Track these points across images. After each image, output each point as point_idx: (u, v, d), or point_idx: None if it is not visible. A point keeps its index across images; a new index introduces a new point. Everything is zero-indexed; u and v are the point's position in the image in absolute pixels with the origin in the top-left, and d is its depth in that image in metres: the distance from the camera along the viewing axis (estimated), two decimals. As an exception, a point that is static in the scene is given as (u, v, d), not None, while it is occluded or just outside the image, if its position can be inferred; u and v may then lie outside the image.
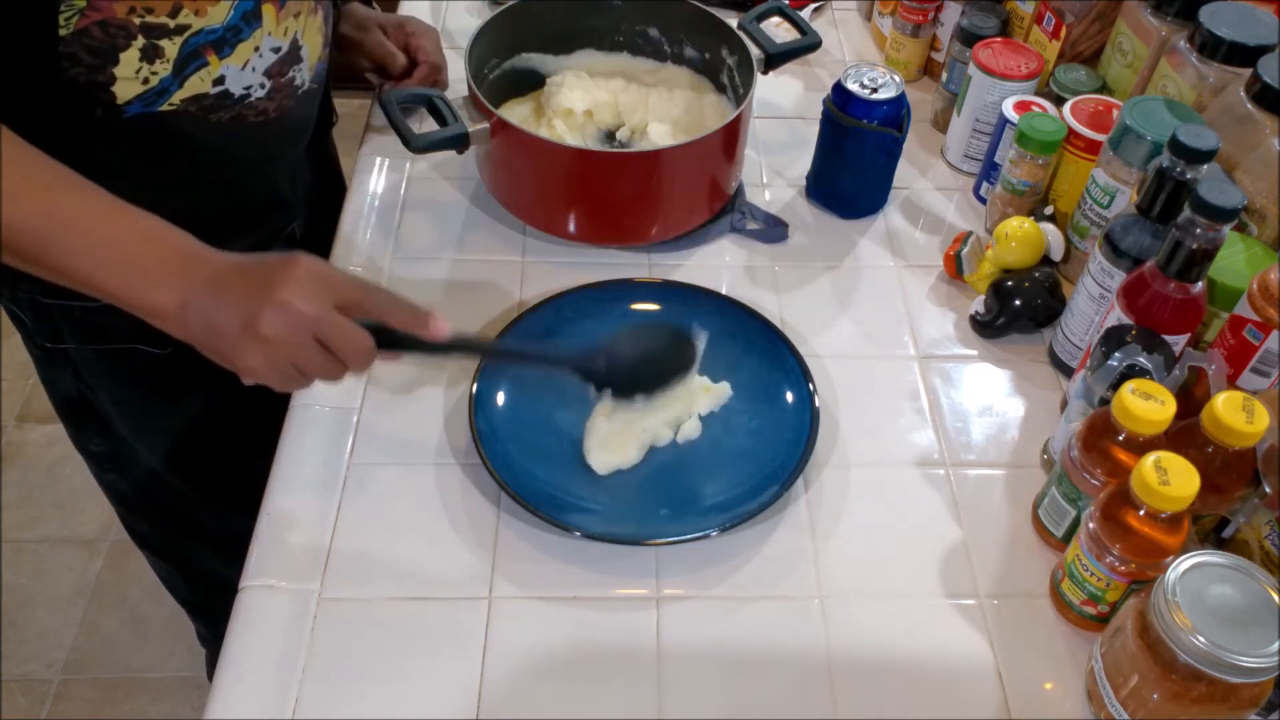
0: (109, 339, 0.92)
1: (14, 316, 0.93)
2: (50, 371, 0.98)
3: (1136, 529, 0.64)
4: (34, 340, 0.94)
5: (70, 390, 0.98)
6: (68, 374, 0.96)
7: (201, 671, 1.59)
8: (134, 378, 0.96)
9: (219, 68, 0.78)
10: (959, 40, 1.07)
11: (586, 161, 0.91)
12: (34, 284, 0.87)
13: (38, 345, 0.94)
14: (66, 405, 1.01)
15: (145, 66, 0.74)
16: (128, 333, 0.91)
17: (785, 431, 0.81)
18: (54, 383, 0.99)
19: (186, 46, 0.75)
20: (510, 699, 0.67)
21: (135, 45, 0.73)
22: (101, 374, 0.96)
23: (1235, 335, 0.73)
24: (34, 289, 0.88)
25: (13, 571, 1.71)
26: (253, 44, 0.79)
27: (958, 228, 1.01)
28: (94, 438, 1.03)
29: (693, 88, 1.04)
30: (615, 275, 0.92)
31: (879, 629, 0.72)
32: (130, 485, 1.09)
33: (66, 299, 0.88)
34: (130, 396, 0.98)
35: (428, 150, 0.89)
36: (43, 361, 0.97)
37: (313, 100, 0.92)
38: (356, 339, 0.67)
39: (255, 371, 0.67)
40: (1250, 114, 0.82)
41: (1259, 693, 0.59)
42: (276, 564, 0.73)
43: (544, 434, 0.80)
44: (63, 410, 1.02)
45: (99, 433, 1.02)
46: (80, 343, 0.92)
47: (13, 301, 0.91)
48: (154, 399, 0.99)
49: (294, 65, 0.84)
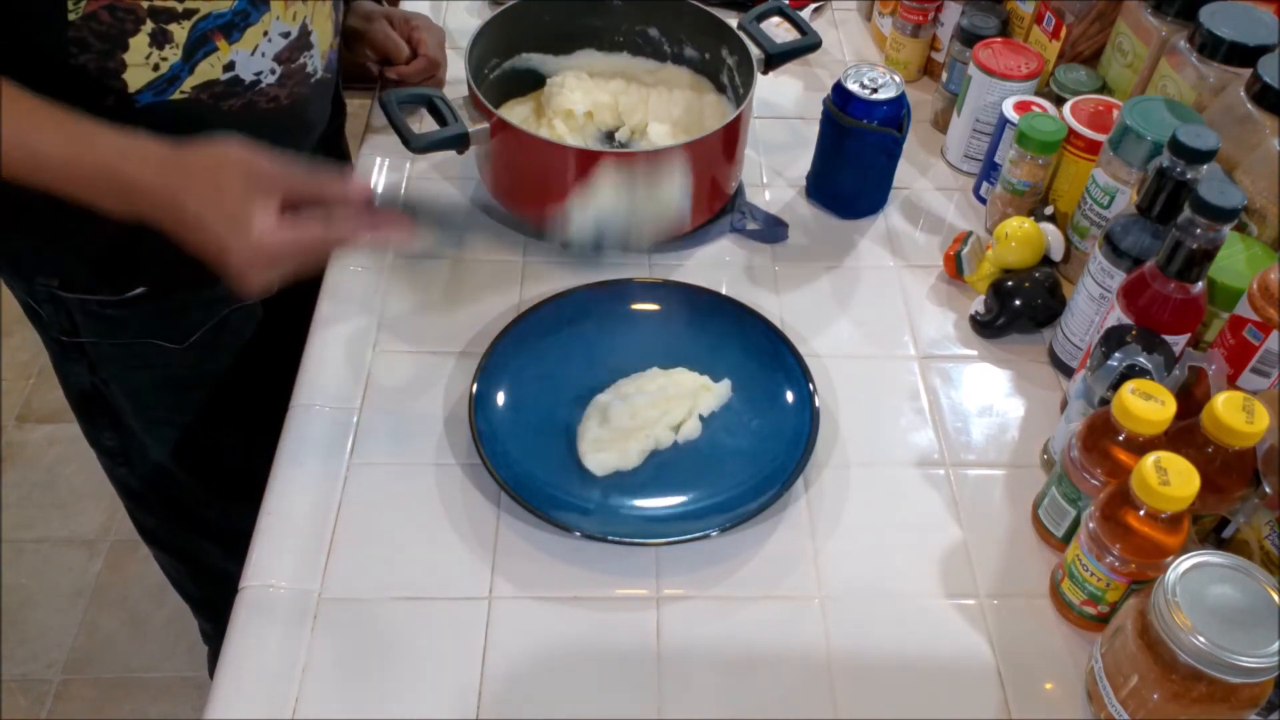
0: (126, 333, 0.92)
1: (30, 309, 0.94)
2: (65, 365, 0.98)
3: (1136, 529, 0.64)
4: (50, 333, 0.94)
5: (85, 384, 0.98)
6: (83, 367, 0.96)
7: (201, 671, 1.59)
8: (149, 371, 0.97)
9: (229, 53, 0.78)
10: (959, 40, 1.07)
11: (586, 161, 0.90)
12: (52, 277, 0.88)
13: (53, 338, 0.95)
14: (81, 399, 1.01)
15: (155, 52, 0.74)
16: (145, 327, 0.92)
17: (785, 431, 0.81)
18: (68, 376, 0.99)
19: (195, 31, 0.75)
20: (510, 699, 0.67)
21: (144, 30, 0.73)
22: (116, 367, 0.96)
23: (1235, 335, 0.73)
24: (52, 282, 0.88)
25: (13, 571, 1.71)
26: (261, 29, 0.79)
27: (958, 228, 1.01)
28: (106, 432, 1.04)
29: (693, 88, 1.04)
30: (615, 275, 0.92)
31: (879, 629, 0.72)
32: (139, 480, 1.09)
33: (84, 293, 0.89)
34: (143, 390, 0.99)
35: (428, 150, 0.89)
36: (58, 355, 0.97)
37: (326, 90, 0.92)
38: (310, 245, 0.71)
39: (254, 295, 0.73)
40: (1250, 114, 0.82)
41: (1259, 693, 0.59)
42: (276, 564, 0.73)
43: (544, 434, 0.80)
44: (76, 404, 1.03)
45: (111, 426, 1.02)
46: (97, 336, 0.93)
47: (30, 295, 0.91)
48: (167, 392, 1.00)
49: (304, 51, 0.84)
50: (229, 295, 0.92)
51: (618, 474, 0.78)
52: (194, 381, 0.99)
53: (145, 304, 0.90)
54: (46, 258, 0.88)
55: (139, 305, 0.89)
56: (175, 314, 0.92)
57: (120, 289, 0.89)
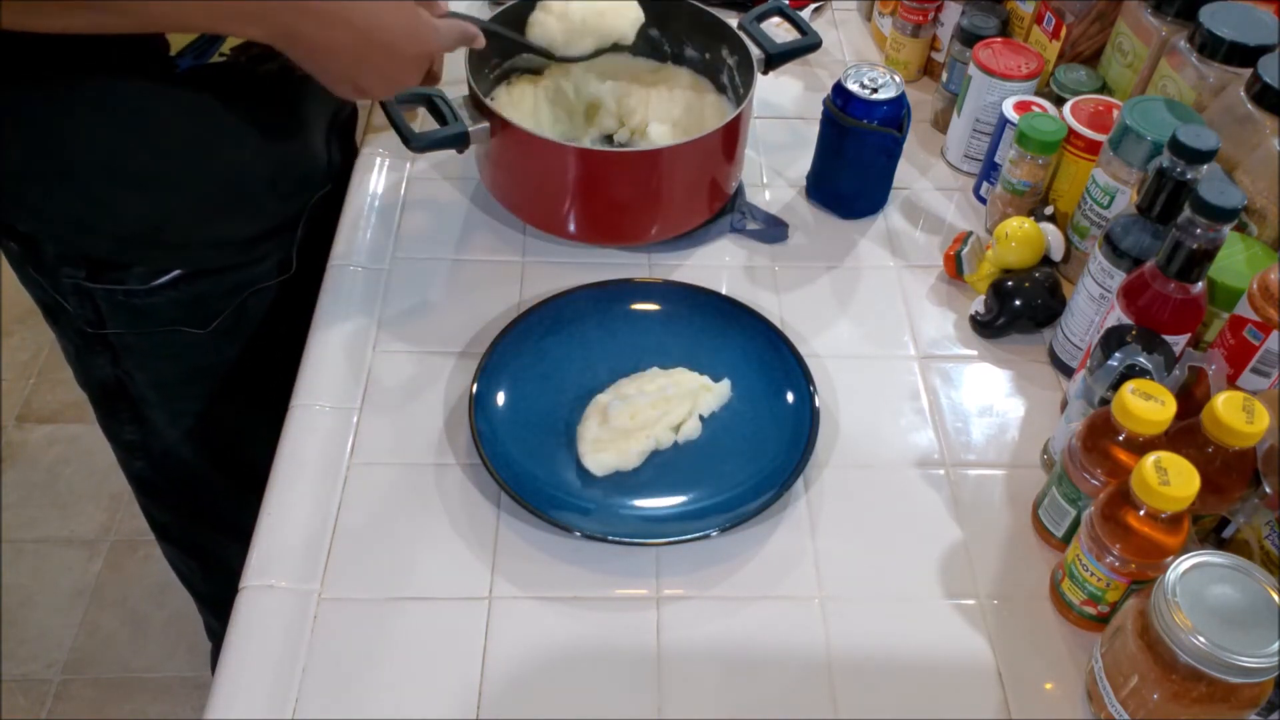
0: (153, 321, 0.93)
1: (52, 305, 0.94)
2: (87, 358, 0.98)
3: (1136, 529, 0.64)
4: (74, 325, 0.94)
5: (107, 376, 0.98)
6: (105, 359, 0.97)
7: (201, 671, 1.59)
8: (172, 359, 0.97)
9: None
10: (959, 40, 1.07)
11: (586, 161, 0.91)
12: (78, 269, 0.88)
13: (76, 330, 0.95)
14: (102, 391, 1.01)
15: None
16: (171, 314, 0.92)
17: (785, 431, 0.81)
18: (90, 369, 0.99)
19: None
20: (510, 699, 0.67)
21: None
22: (141, 356, 0.97)
23: (1235, 335, 0.73)
24: (77, 274, 0.89)
25: (13, 571, 1.71)
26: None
27: (958, 228, 1.01)
28: (127, 425, 1.04)
29: (693, 88, 1.04)
30: (615, 275, 0.92)
31: (879, 629, 0.72)
32: (156, 472, 1.10)
33: (111, 283, 0.89)
34: (166, 379, 0.99)
35: (428, 150, 0.89)
36: (81, 348, 0.97)
37: None
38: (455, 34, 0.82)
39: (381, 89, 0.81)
40: (1250, 114, 0.82)
41: (1259, 693, 0.59)
42: (276, 564, 0.73)
43: (544, 434, 0.80)
44: (97, 397, 1.03)
45: (132, 419, 1.03)
46: (123, 327, 0.93)
47: (55, 289, 0.91)
48: (189, 382, 1.00)
49: None
50: (251, 279, 0.94)
51: (618, 474, 0.78)
52: (215, 369, 1.00)
53: (171, 290, 0.90)
54: (74, 248, 0.88)
55: (165, 292, 0.90)
56: (200, 299, 0.93)
57: (147, 277, 0.89)
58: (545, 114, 1.01)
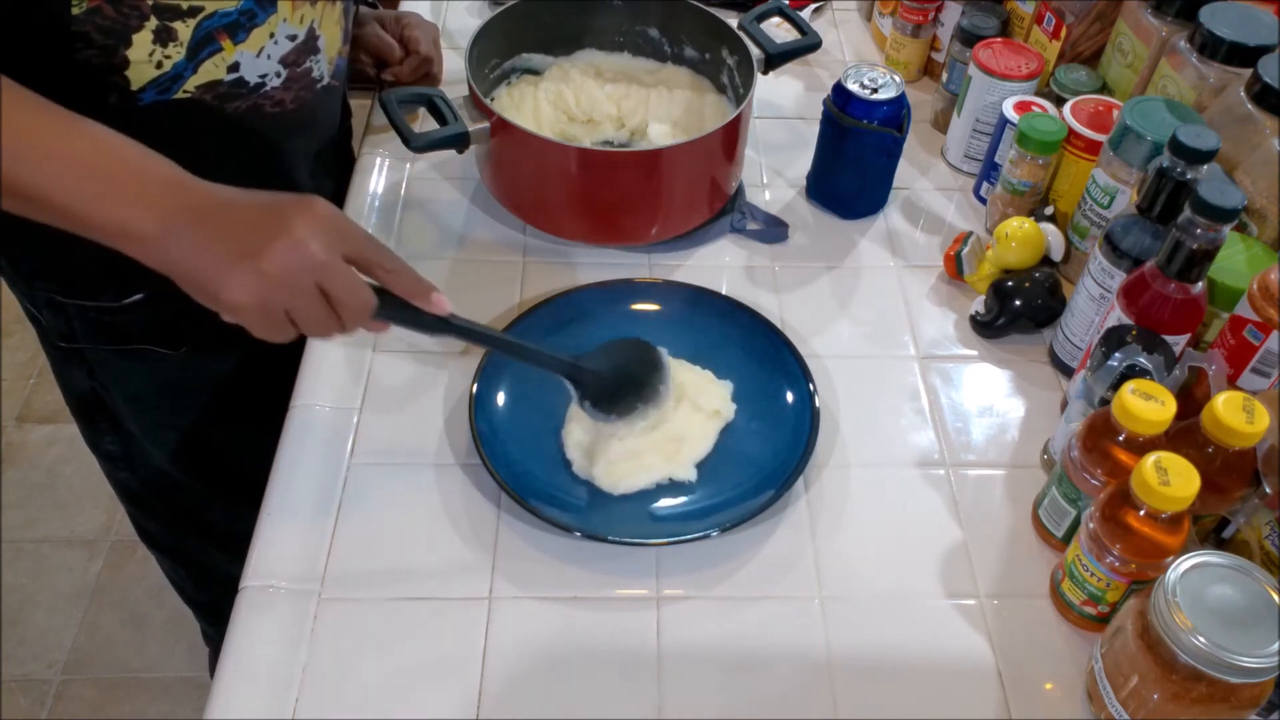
0: (123, 339, 0.92)
1: (30, 315, 0.93)
2: (65, 370, 0.98)
3: (1136, 529, 0.64)
4: (49, 338, 0.94)
5: (84, 388, 0.98)
6: (82, 372, 0.96)
7: (202, 671, 1.59)
8: (147, 376, 0.96)
9: (233, 53, 0.78)
10: (959, 40, 1.07)
11: (586, 161, 0.90)
12: (51, 282, 0.88)
13: (52, 344, 0.94)
14: (80, 403, 1.01)
15: (158, 49, 0.74)
16: (142, 333, 0.92)
17: (785, 431, 0.81)
18: (68, 381, 0.99)
19: (200, 30, 0.75)
20: (510, 699, 0.67)
21: (148, 26, 0.73)
22: (114, 372, 0.96)
23: (1235, 335, 0.73)
24: (51, 287, 0.88)
25: (13, 571, 1.71)
26: (268, 30, 0.79)
27: (958, 228, 1.01)
28: (106, 436, 1.03)
29: (693, 88, 1.04)
30: (615, 275, 0.92)
31: (879, 629, 0.72)
32: (141, 483, 1.09)
33: (82, 299, 0.88)
34: (142, 394, 0.99)
35: (428, 150, 0.89)
36: (57, 360, 0.97)
37: (333, 97, 0.92)
38: (361, 295, 0.64)
39: (241, 309, 0.62)
40: (1250, 114, 0.82)
41: (1259, 693, 0.59)
42: (276, 564, 0.73)
43: (544, 434, 0.80)
44: (76, 408, 1.03)
45: (111, 431, 1.02)
46: (95, 342, 0.93)
47: (30, 300, 0.91)
48: (165, 397, 1.00)
49: (311, 56, 0.84)
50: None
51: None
52: (193, 385, 0.99)
53: (143, 309, 0.89)
54: (47, 262, 0.87)
55: (137, 311, 0.88)
56: (173, 319, 0.92)
57: (119, 295, 0.89)
58: (545, 114, 1.01)
